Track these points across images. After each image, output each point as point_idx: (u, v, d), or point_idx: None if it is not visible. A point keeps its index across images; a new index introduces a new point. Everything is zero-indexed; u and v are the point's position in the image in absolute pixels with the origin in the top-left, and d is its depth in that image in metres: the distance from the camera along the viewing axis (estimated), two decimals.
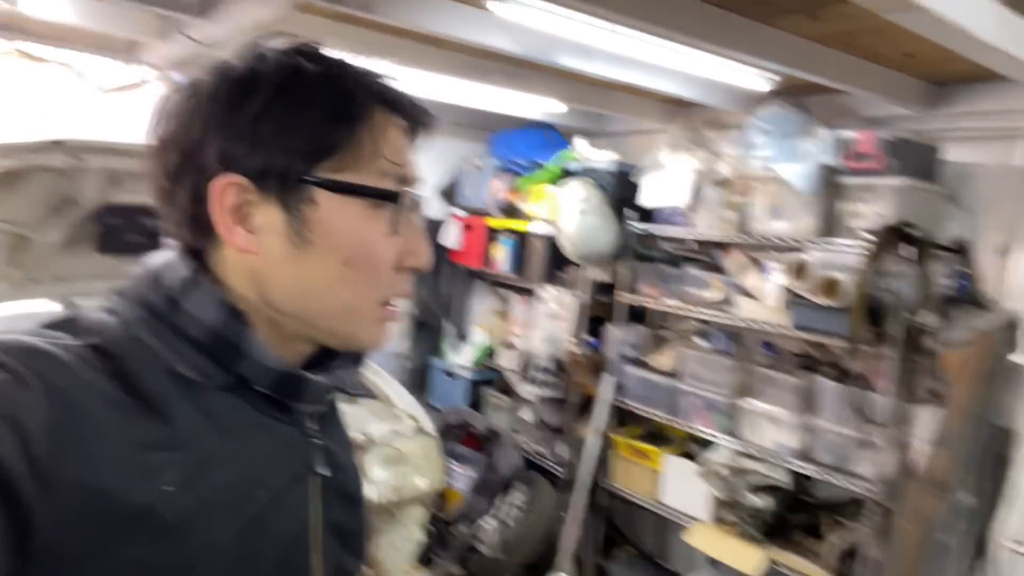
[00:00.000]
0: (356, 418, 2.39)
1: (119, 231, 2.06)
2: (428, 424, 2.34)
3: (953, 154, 2.88)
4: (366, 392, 0.62)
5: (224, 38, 2.72)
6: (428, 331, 4.62)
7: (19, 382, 0.52)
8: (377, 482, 2.09)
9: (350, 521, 0.75)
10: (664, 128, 3.82)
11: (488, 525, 3.56)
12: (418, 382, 4.59)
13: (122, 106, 3.63)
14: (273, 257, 0.65)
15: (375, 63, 0.71)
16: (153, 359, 0.60)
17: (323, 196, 0.64)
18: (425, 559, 3.67)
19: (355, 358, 0.76)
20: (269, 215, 0.64)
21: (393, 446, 2.16)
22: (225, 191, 0.63)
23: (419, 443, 2.24)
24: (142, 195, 2.09)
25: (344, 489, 0.75)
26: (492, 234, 4.22)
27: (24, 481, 0.49)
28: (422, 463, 2.21)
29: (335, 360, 0.73)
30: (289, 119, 0.63)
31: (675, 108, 3.83)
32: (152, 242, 1.95)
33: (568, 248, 3.46)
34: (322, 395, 0.70)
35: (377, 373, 2.57)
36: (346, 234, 0.65)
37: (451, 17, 2.35)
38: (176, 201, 0.64)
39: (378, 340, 0.71)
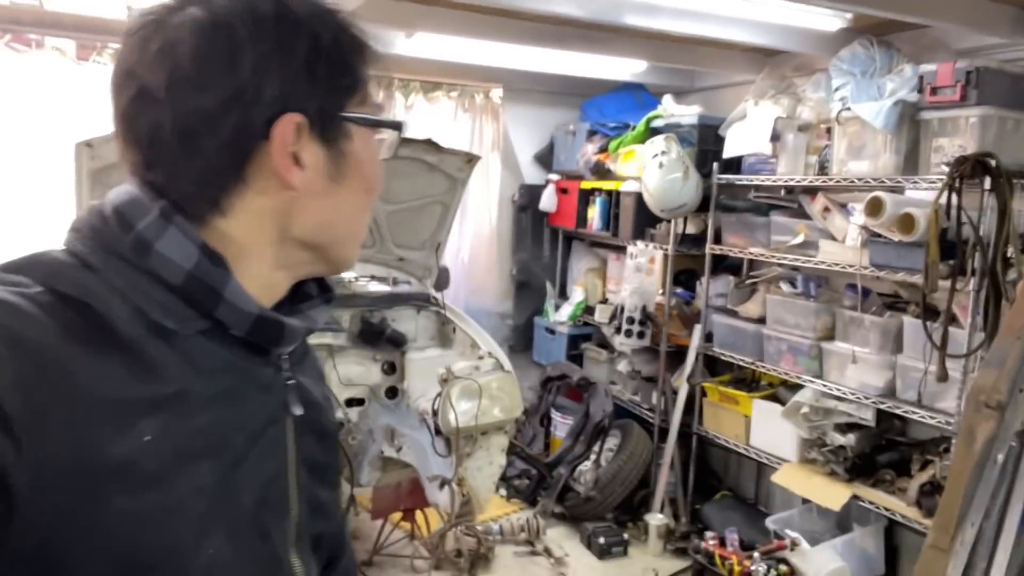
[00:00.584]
0: (442, 357, 2.69)
1: None
2: (506, 362, 2.60)
3: None
4: (337, 329, 0.70)
5: None
6: (530, 291, 4.88)
7: None
8: (459, 411, 2.37)
9: (323, 455, 0.76)
10: (753, 79, 3.83)
11: (585, 467, 3.79)
12: (522, 339, 4.87)
13: None
14: (313, 193, 0.65)
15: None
16: (124, 305, 0.58)
17: (356, 130, 0.67)
18: (530, 498, 3.98)
19: (325, 298, 0.77)
20: (314, 153, 0.64)
21: (473, 380, 2.43)
22: (287, 131, 0.62)
23: (496, 378, 2.49)
24: None
25: (317, 424, 0.75)
26: (586, 196, 4.39)
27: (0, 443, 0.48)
28: (499, 395, 2.47)
29: (306, 301, 0.74)
30: (334, 58, 0.65)
31: (763, 58, 3.82)
32: None
33: (650, 202, 3.59)
34: (299, 337, 0.70)
35: (462, 318, 2.86)
36: (369, 164, 0.69)
37: None
38: (200, 147, 0.61)
39: (354, 261, 0.75)
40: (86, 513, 0.52)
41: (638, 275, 3.89)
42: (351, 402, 2.84)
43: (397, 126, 0.74)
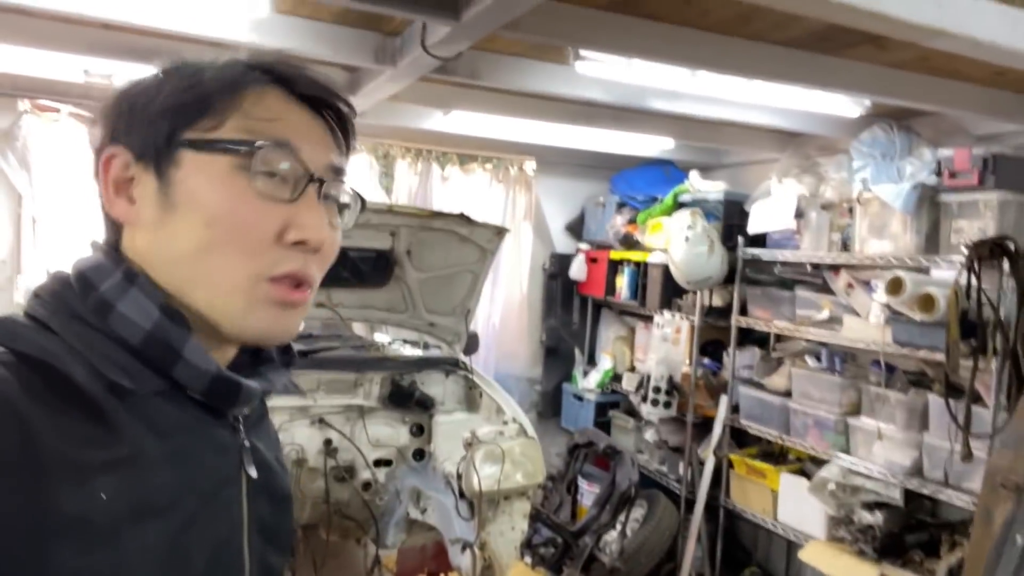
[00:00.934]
0: (468, 421, 2.77)
1: None
2: (529, 428, 2.67)
3: None
4: (296, 391, 0.70)
5: (364, 106, 3.28)
6: (559, 358, 4.96)
7: None
8: (482, 475, 2.43)
9: (276, 519, 0.75)
10: (777, 157, 3.96)
11: (610, 537, 3.78)
12: (550, 406, 4.93)
13: None
14: (144, 224, 0.65)
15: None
16: (82, 366, 0.59)
17: (186, 156, 0.64)
18: (555, 566, 3.96)
19: (285, 360, 0.76)
20: (146, 184, 0.65)
21: (497, 444, 2.50)
22: (107, 164, 0.66)
23: (520, 443, 2.56)
24: None
25: (271, 488, 0.74)
26: (614, 265, 4.51)
27: None
28: (522, 460, 2.53)
29: (265, 364, 0.74)
30: (161, 90, 0.66)
31: (786, 138, 3.95)
32: (384, 277, 2.40)
33: (676, 275, 3.68)
34: (255, 399, 0.70)
35: (489, 384, 2.94)
36: (206, 191, 0.63)
37: (543, 76, 2.73)
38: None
39: (270, 327, 0.67)
40: (33, 567, 0.52)
41: (665, 344, 3.95)
42: (379, 463, 2.92)
43: (240, 144, 0.64)
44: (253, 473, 0.70)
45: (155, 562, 0.59)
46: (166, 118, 0.65)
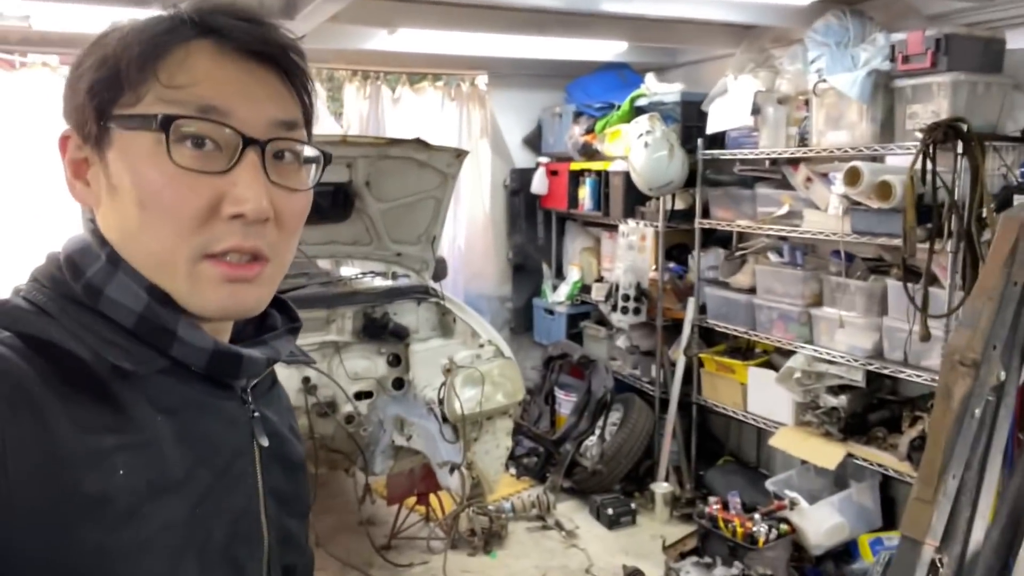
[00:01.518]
0: (445, 347, 2.79)
1: None
2: (506, 348, 2.70)
3: (1020, 42, 2.82)
4: (305, 360, 0.69)
5: (305, 30, 3.13)
6: (527, 274, 4.98)
7: None
8: (463, 399, 2.48)
9: (291, 486, 0.75)
10: (733, 52, 3.90)
11: (590, 442, 3.92)
12: (522, 321, 4.99)
13: None
14: (104, 208, 0.63)
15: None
16: (85, 349, 0.58)
17: (115, 135, 0.61)
18: (539, 475, 4.11)
19: (290, 328, 0.75)
20: (96, 166, 0.63)
21: (476, 368, 2.54)
22: (63, 145, 0.64)
23: (498, 365, 2.60)
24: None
25: (283, 456, 0.74)
26: (576, 177, 4.47)
27: None
28: (501, 381, 2.58)
29: (270, 332, 0.72)
30: (90, 65, 0.61)
31: (741, 31, 3.88)
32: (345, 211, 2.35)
33: (638, 181, 3.67)
34: (259, 369, 0.69)
35: (461, 308, 2.96)
36: (133, 171, 0.60)
37: None
38: None
39: (224, 304, 0.63)
40: (59, 548, 0.52)
41: (630, 253, 3.98)
42: (360, 395, 2.95)
43: (148, 119, 0.59)
44: (264, 442, 0.70)
45: (177, 536, 0.60)
46: (91, 97, 0.61)
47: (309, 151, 0.68)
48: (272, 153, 0.63)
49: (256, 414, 0.70)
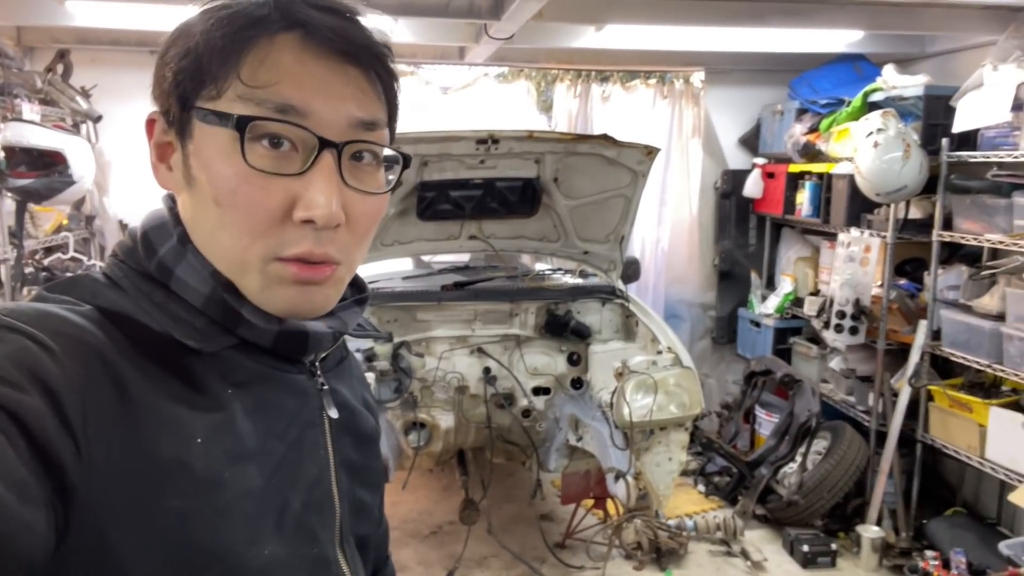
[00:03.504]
0: (624, 350, 2.70)
1: (433, 202, 2.67)
2: (686, 357, 2.53)
3: None
4: (375, 334, 0.67)
5: (511, 30, 3.20)
6: (734, 281, 4.68)
7: (41, 345, 0.52)
8: (635, 406, 2.37)
9: (362, 457, 0.76)
10: (994, 40, 3.34)
11: (789, 469, 3.59)
12: (724, 332, 4.70)
13: (460, 102, 4.40)
14: (183, 196, 0.64)
15: None
16: (156, 323, 0.60)
17: (196, 127, 0.61)
18: (729, 496, 3.85)
19: (358, 299, 0.75)
20: (177, 153, 0.63)
21: (649, 375, 2.41)
22: (150, 127, 0.64)
23: (674, 374, 2.45)
24: (446, 173, 2.66)
25: (354, 427, 0.76)
26: (794, 180, 4.11)
27: (60, 443, 0.49)
28: (676, 391, 2.42)
29: (340, 303, 0.71)
30: (175, 52, 0.61)
31: (1006, 15, 3.31)
32: (459, 209, 2.49)
33: (863, 187, 3.28)
34: (326, 343, 0.70)
35: (645, 312, 2.83)
36: (210, 168, 0.60)
37: None
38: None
39: (294, 305, 0.63)
40: (141, 513, 0.53)
41: (851, 265, 3.57)
42: (538, 391, 2.95)
43: (223, 117, 0.59)
44: (334, 414, 0.71)
45: (256, 504, 0.60)
46: (175, 85, 0.60)
47: (388, 152, 0.67)
48: (350, 154, 0.62)
49: (325, 387, 0.71)
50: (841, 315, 3.51)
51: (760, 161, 4.42)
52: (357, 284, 0.75)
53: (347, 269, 0.66)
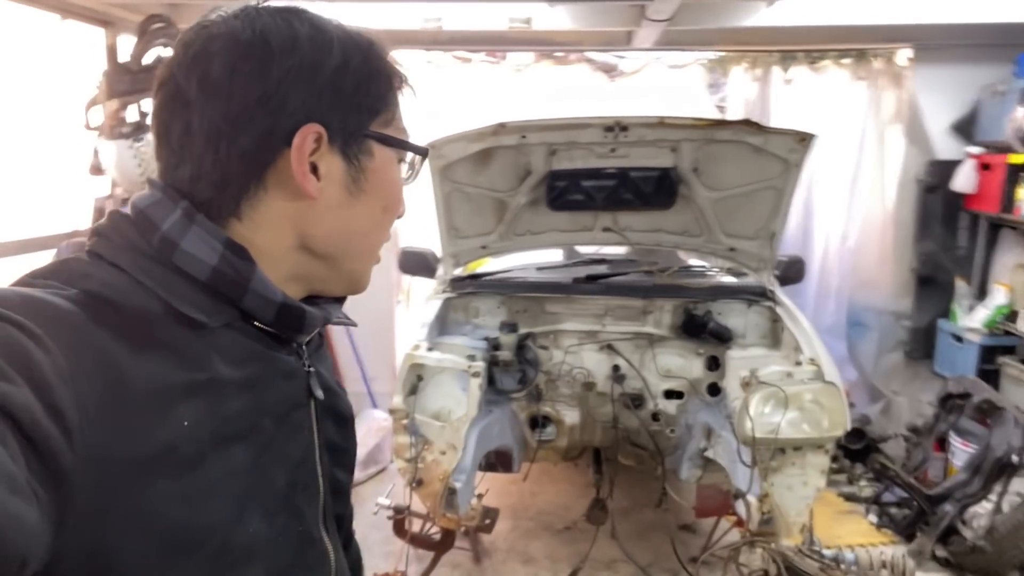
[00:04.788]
0: (765, 358, 2.44)
1: (564, 192, 2.59)
2: (830, 372, 2.22)
3: None
4: (349, 322, 0.66)
5: (669, 10, 3.02)
6: (935, 288, 4.08)
7: (27, 333, 0.52)
8: (759, 421, 2.13)
9: (341, 438, 0.81)
10: None
11: (980, 510, 3.07)
12: (920, 345, 4.12)
13: (627, 88, 4.26)
14: (328, 203, 0.69)
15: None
16: (153, 301, 0.61)
17: (378, 148, 0.71)
18: (905, 532, 3.39)
19: (338, 298, 0.80)
20: (333, 164, 0.68)
21: (780, 388, 2.16)
22: (306, 140, 0.66)
23: (812, 389, 2.16)
24: (576, 162, 2.57)
25: (335, 409, 0.80)
26: (1015, 172, 3.49)
27: (50, 432, 0.49)
28: (812, 408, 2.14)
29: (319, 296, 0.77)
30: (361, 78, 0.68)
31: None
32: (590, 200, 2.42)
33: None
34: (317, 326, 0.74)
35: (792, 316, 2.53)
36: (389, 183, 0.73)
37: None
38: (225, 151, 0.65)
39: (368, 282, 0.78)
40: (134, 498, 0.54)
41: None
42: (670, 394, 2.78)
43: (422, 152, 0.76)
44: (320, 395, 0.74)
45: (242, 482, 0.63)
46: (360, 109, 0.69)
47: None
48: None
49: (311, 368, 0.74)
50: None
51: (975, 150, 3.80)
52: None
53: None
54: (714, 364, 2.72)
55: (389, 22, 3.58)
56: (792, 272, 3.04)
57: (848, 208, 4.19)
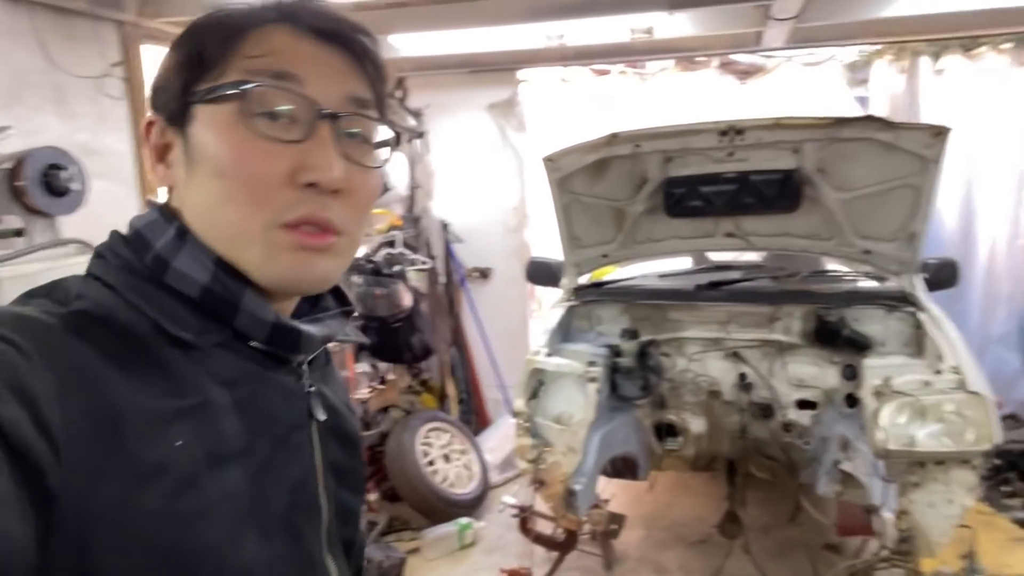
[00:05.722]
0: (906, 367, 2.29)
1: (682, 198, 2.57)
2: (976, 381, 2.04)
3: None
4: (357, 340, 0.64)
5: (794, 8, 2.93)
6: None
7: (17, 350, 0.52)
8: (893, 432, 2.00)
9: (347, 460, 0.77)
10: None
11: None
12: None
13: (759, 90, 4.15)
14: (179, 187, 0.66)
15: None
16: (144, 320, 0.60)
17: (198, 110, 0.64)
18: None
19: (343, 310, 0.77)
20: (177, 147, 0.66)
21: (917, 398, 2.01)
22: (147, 131, 0.66)
23: (955, 399, 1.99)
24: (692, 168, 2.55)
25: (340, 430, 0.77)
26: None
27: (38, 449, 0.49)
28: (954, 419, 1.96)
29: (323, 312, 0.75)
30: (183, 48, 0.66)
31: None
32: (710, 205, 2.42)
33: None
34: (316, 345, 0.71)
35: (936, 322, 2.34)
36: (213, 142, 0.63)
37: None
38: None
39: (296, 274, 0.65)
40: (123, 517, 0.53)
41: None
42: (803, 404, 2.67)
43: (231, 86, 0.62)
44: (321, 416, 0.72)
45: (237, 505, 0.60)
46: (177, 77, 0.65)
47: (383, 132, 0.70)
48: (345, 130, 0.66)
49: (312, 388, 0.72)
50: None
51: None
52: (342, 298, 0.78)
53: (348, 242, 0.68)
54: (852, 374, 2.58)
55: (514, 43, 3.73)
56: (943, 276, 2.83)
57: (1017, 205, 3.82)
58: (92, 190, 2.43)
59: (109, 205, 2.75)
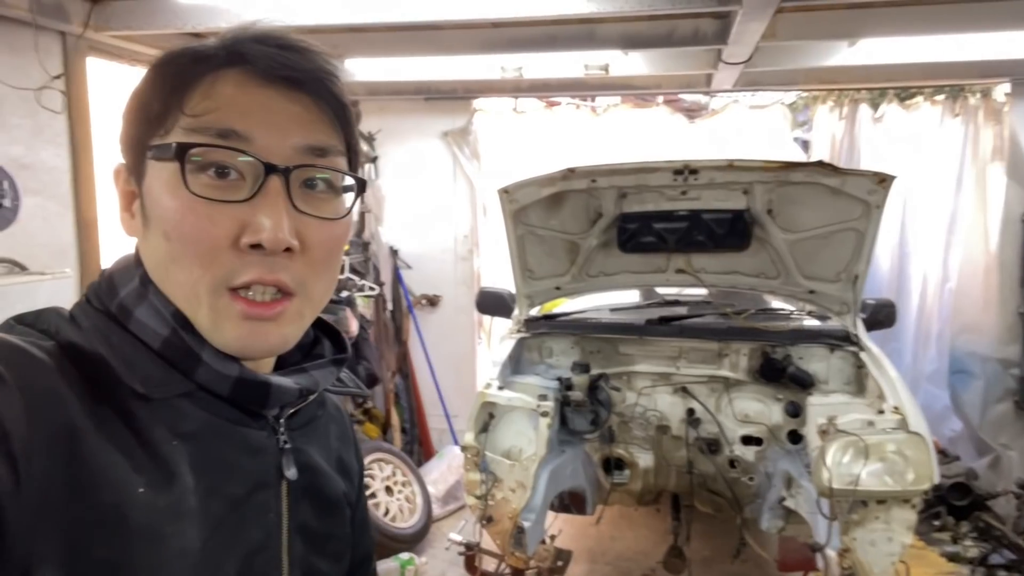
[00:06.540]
0: (847, 406, 2.35)
1: (635, 234, 2.60)
2: (916, 421, 2.10)
3: None
4: (354, 391, 0.60)
5: (744, 53, 3.02)
6: None
7: None
8: (836, 472, 2.04)
9: (321, 524, 0.71)
10: None
11: None
12: None
13: (707, 129, 4.26)
14: (140, 239, 0.64)
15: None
16: (112, 365, 0.58)
17: (148, 166, 0.61)
18: None
19: (336, 359, 0.73)
20: (139, 199, 0.63)
21: (860, 437, 2.07)
22: (115, 178, 0.65)
23: (895, 439, 2.05)
24: (647, 204, 2.59)
25: (316, 491, 0.71)
26: None
27: (3, 479, 0.48)
28: (895, 459, 2.02)
29: (313, 361, 0.71)
30: (140, 96, 0.63)
31: None
32: (662, 241, 2.43)
33: None
34: (289, 399, 0.66)
35: (878, 363, 2.41)
36: (160, 202, 0.60)
37: None
38: None
39: (244, 343, 0.61)
40: (70, 559, 0.51)
41: None
42: (748, 440, 2.70)
43: (163, 149, 0.59)
44: (292, 475, 0.66)
45: (189, 565, 0.57)
46: (134, 127, 0.62)
47: (346, 179, 0.66)
48: (301, 181, 0.62)
49: (287, 445, 0.67)
50: None
51: None
52: (338, 343, 0.74)
53: (306, 302, 0.64)
54: (795, 410, 2.63)
55: (470, 72, 3.75)
56: (882, 316, 2.92)
57: (946, 249, 4.00)
58: (24, 206, 2.31)
59: (42, 223, 2.62)
